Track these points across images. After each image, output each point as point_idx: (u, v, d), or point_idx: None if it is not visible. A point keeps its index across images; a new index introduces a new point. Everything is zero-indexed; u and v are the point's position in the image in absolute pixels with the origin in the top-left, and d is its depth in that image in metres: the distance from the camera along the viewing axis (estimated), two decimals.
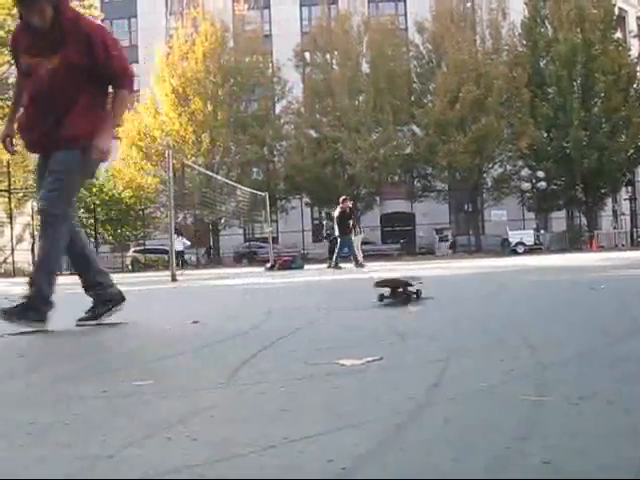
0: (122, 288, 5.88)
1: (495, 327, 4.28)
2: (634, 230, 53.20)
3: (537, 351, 3.12)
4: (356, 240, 25.72)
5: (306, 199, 56.76)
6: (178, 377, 2.94)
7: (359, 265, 24.59)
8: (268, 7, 65.94)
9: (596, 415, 1.95)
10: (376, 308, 6.04)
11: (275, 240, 48.09)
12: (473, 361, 2.98)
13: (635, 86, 51.68)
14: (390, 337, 3.97)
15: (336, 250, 25.12)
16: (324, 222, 26.26)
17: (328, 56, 55.36)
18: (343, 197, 26.51)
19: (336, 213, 25.60)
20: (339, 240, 25.08)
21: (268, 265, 28.53)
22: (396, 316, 5.12)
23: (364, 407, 2.17)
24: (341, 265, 24.39)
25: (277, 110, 56.66)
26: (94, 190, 54.21)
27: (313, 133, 53.58)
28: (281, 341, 3.90)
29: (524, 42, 52.99)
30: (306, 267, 28.86)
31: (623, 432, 1.75)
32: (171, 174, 20.11)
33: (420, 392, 2.31)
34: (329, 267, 24.51)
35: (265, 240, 40.60)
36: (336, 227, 25.45)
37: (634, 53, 53.19)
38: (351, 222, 25.30)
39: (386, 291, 6.46)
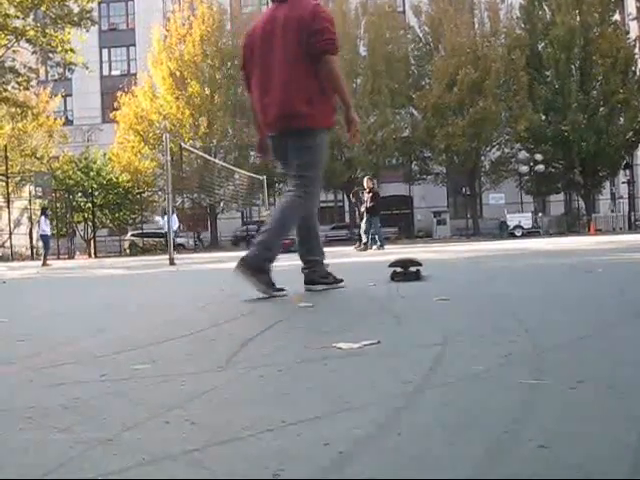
0: (120, 272, 5.89)
1: (492, 310, 4.28)
2: (632, 213, 53.26)
3: (534, 334, 3.13)
4: (364, 223, 25.77)
5: None
6: (177, 360, 2.95)
7: (363, 248, 24.67)
8: None
9: (594, 399, 1.95)
10: (373, 291, 6.05)
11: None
12: (470, 345, 2.99)
13: (633, 69, 51.63)
14: (387, 320, 3.98)
15: (373, 232, 25.15)
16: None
17: None
18: (369, 177, 26.54)
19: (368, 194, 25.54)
20: (373, 220, 25.12)
21: None
22: (393, 299, 5.13)
23: (361, 391, 2.17)
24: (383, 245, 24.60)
25: None
26: (92, 174, 54.18)
27: None
28: (279, 324, 3.91)
29: (522, 25, 52.92)
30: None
31: (621, 416, 1.76)
32: (168, 157, 20.09)
33: (417, 376, 2.32)
34: (373, 249, 24.45)
35: (263, 223, 40.71)
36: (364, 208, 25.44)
37: (632, 36, 53.11)
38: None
39: (398, 269, 6.53)
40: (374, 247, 24.83)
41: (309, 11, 6.11)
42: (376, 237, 25.15)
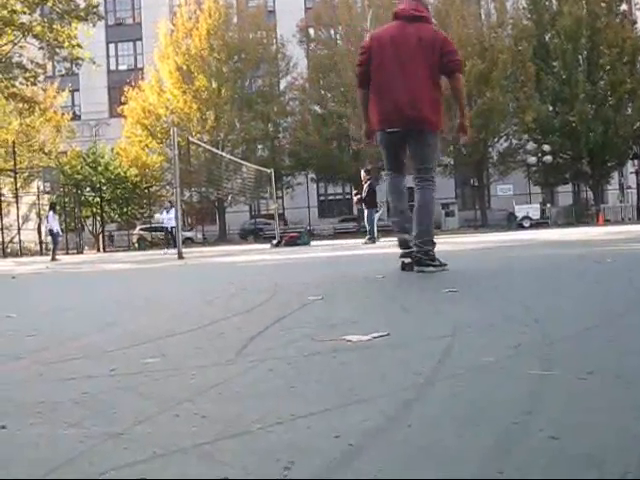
0: (128, 267, 5.91)
1: (501, 301, 4.28)
2: None
3: (543, 325, 3.13)
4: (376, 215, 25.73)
5: (312, 175, 56.79)
6: (186, 354, 2.95)
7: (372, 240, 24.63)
8: None
9: (603, 389, 1.95)
10: (381, 283, 6.05)
11: (281, 216, 48.14)
12: (479, 336, 2.99)
13: None
14: (396, 312, 3.98)
15: (369, 224, 25.02)
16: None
17: (332, 31, 55.26)
18: (366, 168, 26.41)
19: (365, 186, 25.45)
20: (367, 212, 25.02)
21: (274, 242, 28.54)
22: (402, 291, 5.13)
23: (371, 383, 2.17)
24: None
25: (282, 86, 56.66)
26: (99, 169, 54.26)
27: (318, 109, 53.58)
28: (288, 317, 3.91)
29: (529, 16, 52.78)
30: (312, 243, 28.88)
31: (630, 407, 1.76)
32: (176, 152, 20.10)
33: (426, 368, 2.32)
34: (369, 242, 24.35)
35: (271, 217, 40.60)
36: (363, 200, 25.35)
37: (639, 26, 52.94)
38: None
39: (408, 260, 6.80)
40: (366, 239, 24.71)
41: (441, 36, 7.72)
42: (368, 229, 25.06)
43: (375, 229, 25.46)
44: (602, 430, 1.57)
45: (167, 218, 31.85)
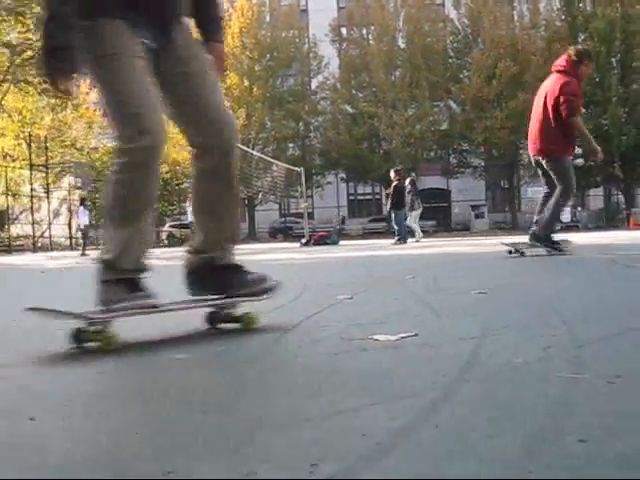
0: (158, 263, 5.93)
1: (530, 303, 4.26)
2: None
3: (573, 328, 3.11)
4: (415, 214, 25.70)
5: (342, 174, 56.81)
6: (216, 351, 2.96)
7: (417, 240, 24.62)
8: None
9: (633, 394, 1.94)
10: (411, 283, 6.04)
11: (310, 215, 48.16)
12: (508, 337, 2.98)
13: None
14: (424, 313, 3.97)
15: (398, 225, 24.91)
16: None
17: (364, 31, 55.26)
18: (396, 169, 26.30)
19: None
20: (395, 214, 24.90)
21: (303, 240, 28.55)
22: (431, 292, 5.12)
23: (398, 383, 2.17)
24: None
25: (313, 85, 56.73)
26: None
27: (349, 108, 53.57)
28: (316, 316, 3.92)
29: (562, 17, 52.52)
30: (341, 243, 28.87)
31: None
32: None
33: (454, 369, 2.31)
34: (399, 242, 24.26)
35: (300, 215, 40.62)
36: (391, 201, 25.27)
37: None
38: (409, 196, 25.25)
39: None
40: (395, 240, 24.67)
41: (559, 86, 9.58)
42: (395, 230, 24.96)
43: (415, 229, 25.44)
44: (631, 434, 1.56)
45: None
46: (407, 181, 25.83)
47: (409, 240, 25.15)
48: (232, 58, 52.59)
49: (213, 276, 3.55)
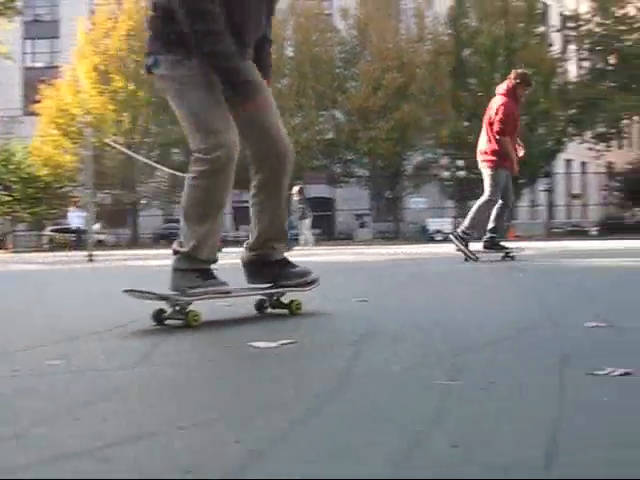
0: (38, 268, 5.81)
1: (410, 311, 4.31)
2: (550, 221, 54.24)
3: (450, 336, 3.16)
4: (307, 222, 25.85)
5: None
6: (92, 357, 2.91)
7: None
8: None
9: (505, 400, 1.97)
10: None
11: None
12: (386, 344, 3.00)
13: (555, 80, 52.58)
14: (305, 320, 3.97)
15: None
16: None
17: None
18: None
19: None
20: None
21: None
22: (312, 300, 5.13)
23: (276, 389, 2.17)
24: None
25: None
26: (11, 167, 53.27)
27: None
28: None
29: (448, 32, 53.45)
30: (225, 250, 28.78)
31: (528, 417, 1.78)
32: (90, 152, 19.84)
33: (333, 375, 2.32)
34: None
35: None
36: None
37: (555, 48, 54.16)
38: (298, 205, 25.37)
39: None
40: (297, 247, 24.77)
41: (496, 107, 10.62)
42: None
43: (307, 236, 25.66)
44: (502, 440, 1.58)
45: (75, 216, 31.36)
46: (295, 189, 25.92)
47: (295, 248, 25.20)
48: (118, 61, 51.91)
49: (267, 269, 4.26)
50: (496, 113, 10.60)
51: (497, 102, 10.75)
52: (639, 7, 52.36)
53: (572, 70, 59.41)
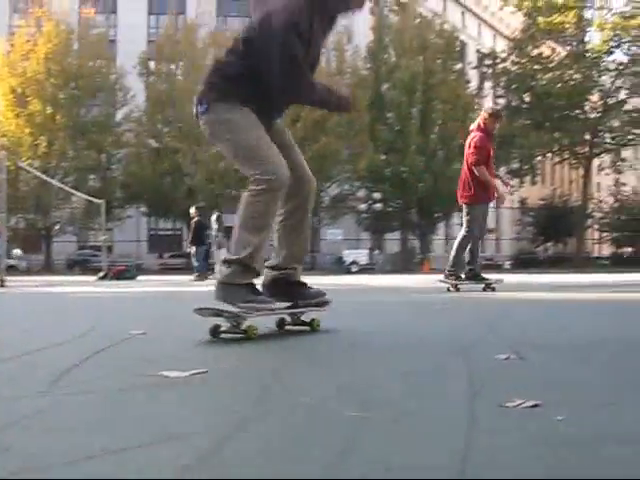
0: None
1: (322, 343, 4.31)
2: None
3: (362, 367, 3.16)
4: (223, 252, 25.72)
5: (143, 208, 56.16)
6: None
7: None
8: (115, 12, 65.20)
9: (416, 431, 1.98)
10: (207, 320, 6.00)
11: (110, 249, 47.31)
12: (298, 375, 2.99)
13: (471, 115, 53.48)
14: (217, 349, 3.95)
15: (198, 261, 24.90)
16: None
17: (173, 66, 55.03)
18: (197, 205, 26.46)
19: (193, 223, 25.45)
20: (197, 250, 24.91)
21: (101, 274, 27.97)
22: (225, 329, 5.10)
23: (186, 420, 2.14)
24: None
25: (118, 117, 55.89)
26: None
27: (153, 143, 53.12)
28: (106, 351, 3.83)
29: (368, 66, 54.05)
30: (140, 277, 28.53)
31: (447, 449, 1.79)
32: (4, 176, 19.54)
33: (244, 406, 2.30)
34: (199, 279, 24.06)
35: (99, 248, 39.85)
36: (191, 237, 25.37)
37: (472, 84, 55.14)
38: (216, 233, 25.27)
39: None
40: (194, 276, 24.65)
41: (470, 141, 11.14)
42: (195, 266, 25.06)
43: (206, 266, 25.49)
44: (414, 471, 1.59)
45: None
46: (214, 217, 25.84)
47: (210, 276, 25.10)
48: (36, 84, 51.30)
49: (289, 288, 4.78)
50: (469, 147, 11.16)
51: (471, 138, 11.23)
52: (553, 48, 53.50)
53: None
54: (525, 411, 2.21)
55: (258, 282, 4.66)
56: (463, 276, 11.23)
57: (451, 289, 11.09)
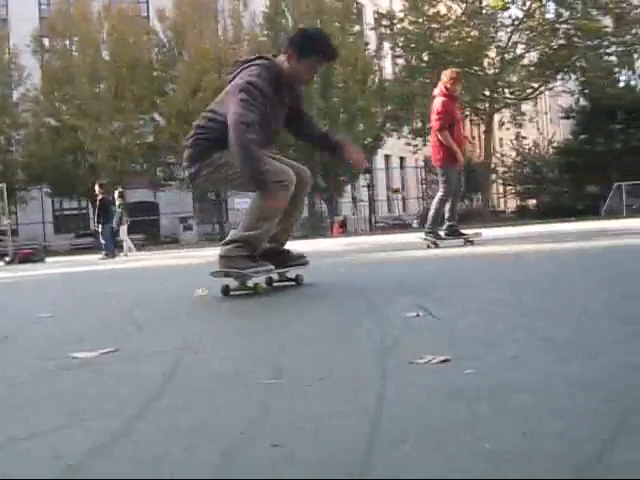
0: None
1: (232, 313, 4.31)
2: (372, 216, 55.36)
3: (278, 333, 3.16)
4: (124, 228, 25.49)
5: (46, 189, 55.21)
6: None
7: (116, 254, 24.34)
8: None
9: (329, 395, 1.98)
10: (116, 298, 5.95)
11: (15, 232, 46.43)
12: (209, 348, 2.98)
13: (372, 77, 53.73)
14: (126, 327, 3.91)
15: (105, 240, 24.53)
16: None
17: (68, 42, 53.98)
18: (100, 182, 26.05)
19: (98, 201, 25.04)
20: (104, 228, 24.55)
21: (7, 259, 27.48)
22: (136, 306, 5.05)
23: (97, 401, 2.11)
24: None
25: (14, 97, 54.71)
26: None
27: (52, 121, 52.12)
28: (15, 335, 3.77)
29: (265, 32, 53.75)
30: (48, 260, 28.10)
31: (359, 409, 1.80)
32: None
33: (155, 382, 2.28)
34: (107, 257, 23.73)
35: (4, 233, 39.11)
36: (97, 215, 25.00)
37: (371, 46, 55.30)
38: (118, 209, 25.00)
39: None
40: (102, 254, 24.38)
41: (434, 106, 11.50)
42: (102, 245, 24.74)
43: (126, 243, 25.30)
44: (325, 435, 1.59)
45: None
46: (116, 194, 25.55)
47: (119, 254, 24.88)
48: None
49: (278, 256, 5.70)
50: (433, 112, 11.52)
51: (435, 103, 11.61)
52: (449, 6, 53.84)
53: (388, 67, 60.86)
54: (435, 366, 2.24)
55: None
56: (442, 233, 11.64)
57: (431, 246, 11.44)
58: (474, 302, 3.96)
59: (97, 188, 25.20)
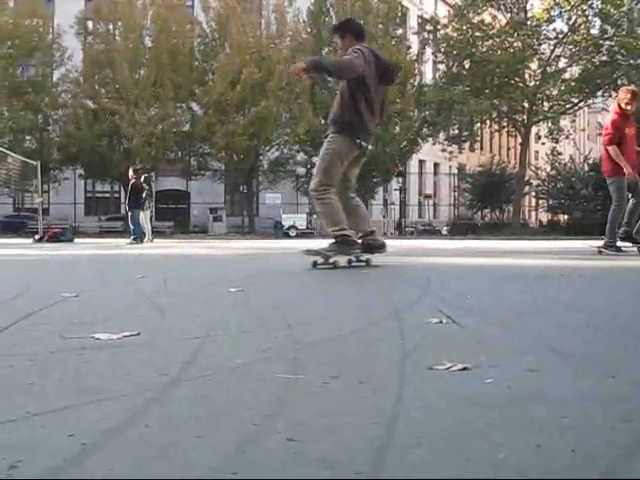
0: None
1: (257, 305, 4.31)
2: (402, 220, 55.30)
3: (296, 330, 3.16)
4: (148, 214, 25.62)
5: (80, 171, 55.55)
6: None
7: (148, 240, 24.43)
8: None
9: (345, 394, 1.98)
10: (141, 283, 5.97)
11: (46, 211, 46.73)
12: (230, 339, 2.98)
13: (411, 81, 53.68)
14: (150, 312, 3.92)
15: (134, 225, 24.64)
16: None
17: (111, 26, 54.27)
18: (134, 167, 26.16)
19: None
20: (133, 213, 24.67)
21: (37, 237, 27.66)
22: (160, 292, 5.07)
23: (114, 382, 2.12)
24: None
25: (55, 77, 55.08)
26: None
27: (91, 104, 52.45)
28: (37, 314, 3.78)
29: (308, 30, 53.82)
30: (77, 240, 28.26)
31: (371, 409, 1.80)
32: None
33: (173, 368, 2.29)
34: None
35: (35, 211, 39.37)
36: (127, 200, 25.14)
37: (413, 50, 55.24)
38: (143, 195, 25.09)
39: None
40: (145, 240, 24.53)
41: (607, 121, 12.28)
42: (131, 229, 24.83)
43: (144, 229, 25.37)
44: (339, 432, 1.59)
45: None
46: (142, 179, 25.67)
47: (147, 239, 25.00)
48: None
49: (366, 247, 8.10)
50: (604, 127, 12.35)
51: (606, 119, 12.46)
52: (494, 15, 53.68)
53: (428, 73, 60.79)
54: (454, 374, 2.23)
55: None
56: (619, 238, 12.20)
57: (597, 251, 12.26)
58: (498, 310, 3.95)
59: (131, 173, 25.32)
